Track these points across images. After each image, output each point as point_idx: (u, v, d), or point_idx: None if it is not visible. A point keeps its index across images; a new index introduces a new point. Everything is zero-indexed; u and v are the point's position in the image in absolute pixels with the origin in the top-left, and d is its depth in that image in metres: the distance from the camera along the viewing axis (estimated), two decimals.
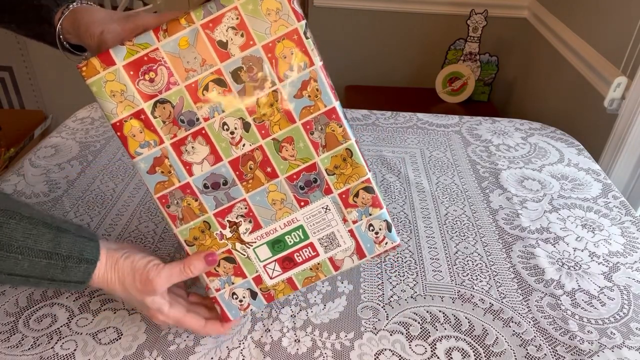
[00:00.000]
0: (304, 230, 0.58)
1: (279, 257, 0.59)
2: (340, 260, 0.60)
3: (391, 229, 0.59)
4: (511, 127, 1.19)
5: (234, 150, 0.55)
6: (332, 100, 0.54)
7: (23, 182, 0.91)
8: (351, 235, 0.59)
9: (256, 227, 0.58)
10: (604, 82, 1.21)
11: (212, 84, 0.53)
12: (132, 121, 0.53)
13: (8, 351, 0.60)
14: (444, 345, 0.63)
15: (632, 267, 0.76)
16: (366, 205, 0.58)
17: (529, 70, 1.80)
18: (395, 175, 0.98)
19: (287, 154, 0.55)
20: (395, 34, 1.95)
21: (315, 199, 0.57)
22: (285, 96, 0.53)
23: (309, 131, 0.54)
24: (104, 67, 0.52)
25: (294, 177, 0.56)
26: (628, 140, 1.11)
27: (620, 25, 1.20)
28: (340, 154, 0.56)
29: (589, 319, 0.67)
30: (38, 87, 2.18)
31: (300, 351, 0.61)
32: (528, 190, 0.94)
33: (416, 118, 1.21)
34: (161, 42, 0.51)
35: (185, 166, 0.55)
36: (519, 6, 1.85)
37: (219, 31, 0.51)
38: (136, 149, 0.54)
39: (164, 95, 0.53)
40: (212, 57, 0.52)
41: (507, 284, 0.72)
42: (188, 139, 0.54)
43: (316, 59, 0.52)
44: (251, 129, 0.54)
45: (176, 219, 0.57)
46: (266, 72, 0.52)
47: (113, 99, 0.53)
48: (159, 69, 0.52)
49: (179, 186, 0.56)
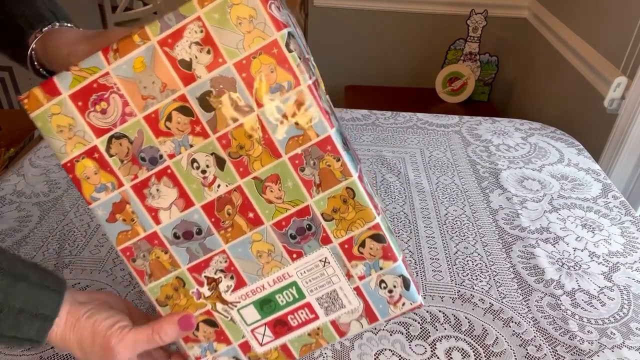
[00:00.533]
0: (299, 287, 0.49)
1: (270, 319, 0.50)
2: (346, 325, 0.50)
3: (409, 286, 0.48)
4: (511, 127, 1.19)
5: (207, 192, 0.46)
6: (326, 127, 0.43)
7: (23, 182, 0.91)
8: (358, 294, 0.49)
9: (240, 285, 0.49)
10: (604, 82, 1.21)
11: (176, 113, 0.44)
12: (84, 161, 0.45)
13: (8, 351, 0.60)
14: (444, 345, 0.63)
15: (632, 267, 0.76)
16: (375, 258, 0.47)
17: (529, 70, 1.80)
18: (395, 175, 0.98)
19: (273, 195, 0.46)
20: (395, 34, 1.95)
21: (311, 250, 0.47)
22: (266, 125, 0.43)
23: (299, 167, 0.44)
24: (48, 97, 0.44)
25: (282, 223, 0.46)
26: (628, 140, 1.11)
27: (620, 25, 1.20)
28: (339, 195, 0.45)
29: (589, 319, 0.67)
30: None
31: None
32: (528, 190, 0.94)
33: (416, 118, 1.21)
34: (112, 64, 0.43)
35: (150, 212, 0.46)
36: (519, 6, 1.85)
37: (180, 48, 0.42)
38: (92, 194, 0.46)
39: (119, 129, 0.44)
40: (174, 81, 0.43)
41: (507, 284, 0.72)
42: (151, 180, 0.46)
43: (303, 76, 0.42)
44: (226, 167, 0.45)
45: (144, 275, 0.48)
46: (240, 96, 0.43)
47: (61, 135, 0.45)
48: (112, 97, 0.44)
49: (145, 236, 0.47)
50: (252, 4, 0.41)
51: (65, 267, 0.74)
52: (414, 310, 0.49)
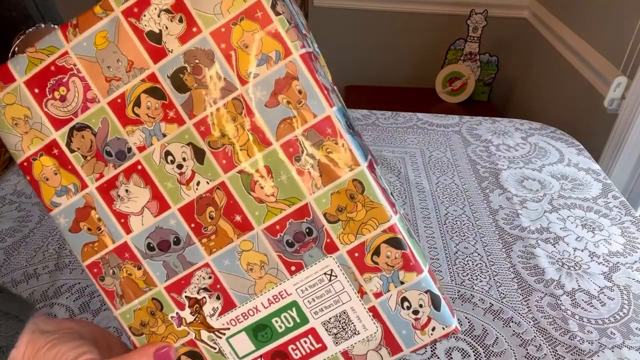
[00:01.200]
0: (300, 309, 0.39)
1: (267, 351, 0.40)
2: (362, 357, 0.40)
3: (440, 305, 0.38)
4: (511, 127, 1.19)
5: (184, 192, 0.38)
6: (324, 106, 0.35)
7: (23, 182, 0.91)
8: (375, 317, 0.39)
9: (228, 307, 0.40)
10: (604, 82, 1.21)
11: (145, 96, 0.37)
12: (42, 159, 0.39)
13: None
14: (444, 345, 0.63)
15: (632, 267, 0.76)
16: (394, 268, 0.38)
17: (529, 70, 1.80)
18: (395, 175, 0.98)
19: (264, 193, 0.37)
20: (395, 34, 1.95)
21: (313, 261, 0.38)
22: (252, 105, 0.36)
23: (294, 156, 0.36)
24: (1, 86, 0.38)
25: (276, 227, 0.38)
26: (628, 140, 1.11)
27: (620, 25, 1.20)
28: (345, 189, 0.37)
29: (589, 319, 0.67)
30: None
31: None
32: (528, 190, 0.94)
33: (416, 118, 1.21)
34: (71, 42, 0.36)
35: (119, 219, 0.39)
36: (519, 6, 1.85)
37: (148, 18, 0.35)
38: (52, 198, 0.39)
39: (80, 119, 0.38)
40: (142, 58, 0.36)
41: (507, 284, 0.72)
42: (119, 179, 0.38)
43: (295, 43, 0.34)
44: (206, 159, 0.37)
45: (115, 296, 0.40)
46: (220, 72, 0.35)
47: (16, 129, 0.38)
48: (71, 81, 0.37)
49: (114, 248, 0.40)
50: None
51: (65, 267, 0.74)
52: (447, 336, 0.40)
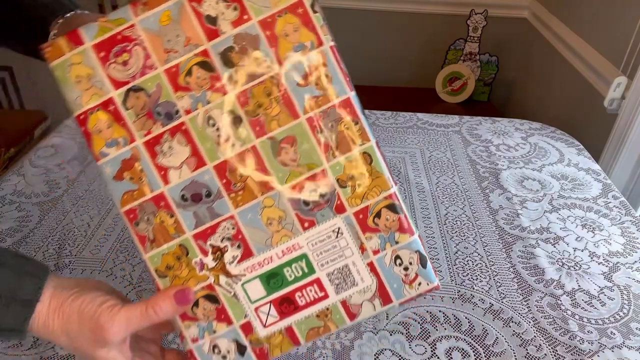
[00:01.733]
0: (309, 261, 0.45)
1: (276, 297, 0.46)
2: (357, 306, 0.46)
3: (426, 264, 0.45)
4: (511, 127, 1.19)
5: (220, 151, 0.44)
6: (345, 89, 0.44)
7: (23, 182, 0.91)
8: (371, 271, 0.45)
9: (246, 255, 0.45)
10: (604, 82, 1.21)
11: (197, 68, 0.43)
12: (98, 113, 0.44)
13: (8, 351, 0.60)
14: (444, 345, 0.63)
15: (632, 267, 0.76)
16: (391, 230, 0.45)
17: (529, 70, 1.80)
18: (395, 175, 0.98)
19: (288, 157, 0.44)
20: (395, 34, 1.95)
21: (324, 219, 0.44)
22: (286, 84, 0.43)
23: (316, 129, 0.44)
24: (70, 47, 0.44)
25: (296, 188, 0.44)
26: (628, 140, 1.11)
27: (620, 25, 1.20)
28: (356, 159, 0.44)
29: (589, 319, 0.67)
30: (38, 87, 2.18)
31: (300, 351, 0.61)
32: (528, 190, 0.94)
33: (416, 118, 1.21)
34: (139, 17, 0.43)
35: (160, 171, 0.44)
36: (519, 6, 1.85)
37: (207, 4, 0.43)
38: (102, 149, 0.44)
39: (138, 82, 0.44)
40: (198, 35, 0.43)
41: (507, 284, 0.72)
42: (164, 136, 0.44)
43: (326, 37, 0.43)
44: (243, 125, 0.44)
45: (146, 241, 0.45)
46: (263, 54, 0.43)
47: (78, 85, 0.44)
48: (134, 49, 0.43)
49: (151, 197, 0.45)
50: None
51: (65, 267, 0.74)
52: (430, 292, 0.46)
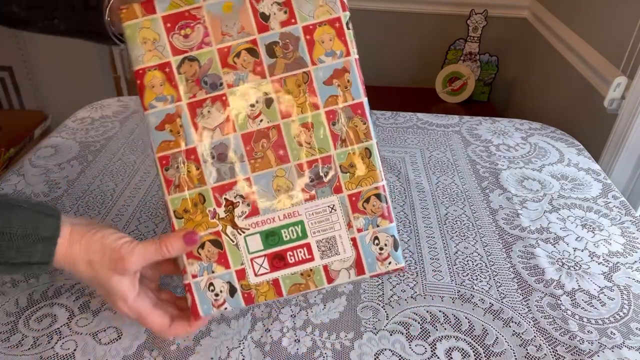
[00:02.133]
0: (304, 227, 0.54)
1: (270, 252, 0.54)
2: (336, 272, 0.54)
3: (398, 247, 0.54)
4: (511, 127, 1.19)
5: (250, 124, 0.53)
6: (361, 94, 0.53)
7: (23, 182, 0.91)
8: (353, 245, 0.54)
9: (253, 213, 0.53)
10: (604, 82, 1.21)
11: (245, 53, 0.52)
12: (155, 72, 0.52)
13: (8, 351, 0.60)
14: (444, 345, 0.63)
15: (632, 267, 0.76)
16: (375, 215, 0.54)
17: (529, 70, 1.80)
18: (395, 175, 0.98)
19: (304, 139, 0.53)
20: (395, 34, 1.95)
21: (323, 195, 0.53)
22: (314, 80, 0.52)
23: (331, 121, 0.53)
24: (144, 13, 0.52)
25: (305, 165, 0.53)
26: (628, 140, 1.11)
27: (620, 25, 1.20)
28: (358, 152, 0.53)
29: (589, 319, 0.67)
30: (38, 87, 2.18)
31: (300, 351, 0.61)
32: (528, 190, 0.94)
33: (416, 118, 1.21)
34: (206, 2, 0.52)
35: (196, 129, 0.53)
36: (519, 6, 1.85)
37: (264, 4, 0.52)
38: (151, 101, 0.53)
39: (194, 53, 0.52)
40: (251, 27, 0.52)
41: (507, 284, 0.72)
42: (206, 102, 0.53)
43: (353, 50, 0.53)
44: (272, 106, 0.53)
45: (171, 185, 0.53)
46: (301, 53, 0.52)
47: (143, 45, 0.52)
48: (197, 26, 0.52)
49: (185, 150, 0.53)
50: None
51: None
52: (396, 271, 0.55)
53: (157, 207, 0.86)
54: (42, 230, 0.48)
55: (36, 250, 0.47)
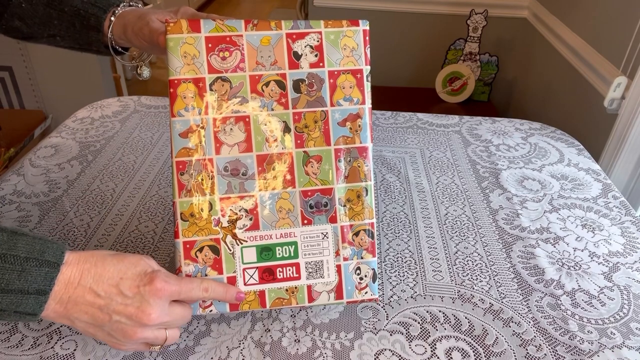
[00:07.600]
0: (297, 248, 0.59)
1: (262, 265, 0.58)
2: (318, 293, 0.60)
3: (376, 280, 0.61)
4: (511, 127, 1.19)
5: (266, 147, 0.58)
6: (368, 139, 0.59)
7: (23, 182, 0.91)
8: (337, 271, 0.60)
9: (254, 227, 0.58)
10: (604, 82, 1.21)
11: (274, 83, 0.58)
12: (189, 84, 0.56)
13: (8, 351, 0.60)
14: (444, 345, 0.63)
15: (632, 267, 0.76)
16: (361, 248, 0.60)
17: (529, 70, 1.80)
18: (395, 175, 0.98)
19: (311, 170, 0.58)
20: (395, 34, 1.95)
21: (319, 222, 0.59)
22: (330, 120, 0.58)
23: (338, 158, 0.59)
24: (189, 30, 0.56)
25: (308, 193, 0.59)
26: (628, 140, 1.11)
27: (620, 25, 1.20)
28: (356, 190, 0.59)
29: (589, 319, 0.67)
30: (38, 87, 2.18)
31: (300, 351, 0.61)
32: (528, 190, 0.94)
33: (416, 118, 1.21)
34: (247, 32, 0.57)
35: (216, 143, 0.57)
36: (519, 6, 1.85)
37: (298, 44, 0.58)
38: (180, 110, 0.56)
39: (228, 75, 0.57)
40: (284, 62, 0.58)
41: (507, 284, 0.72)
42: (230, 120, 0.57)
43: (368, 100, 0.59)
44: (289, 135, 0.58)
45: (183, 189, 0.57)
46: (323, 93, 0.58)
47: (183, 59, 0.56)
48: (235, 52, 0.57)
49: (202, 159, 0.57)
50: (358, 40, 0.59)
51: None
52: (370, 301, 0.63)
53: (157, 207, 0.86)
54: (48, 255, 0.47)
55: (38, 275, 0.46)
